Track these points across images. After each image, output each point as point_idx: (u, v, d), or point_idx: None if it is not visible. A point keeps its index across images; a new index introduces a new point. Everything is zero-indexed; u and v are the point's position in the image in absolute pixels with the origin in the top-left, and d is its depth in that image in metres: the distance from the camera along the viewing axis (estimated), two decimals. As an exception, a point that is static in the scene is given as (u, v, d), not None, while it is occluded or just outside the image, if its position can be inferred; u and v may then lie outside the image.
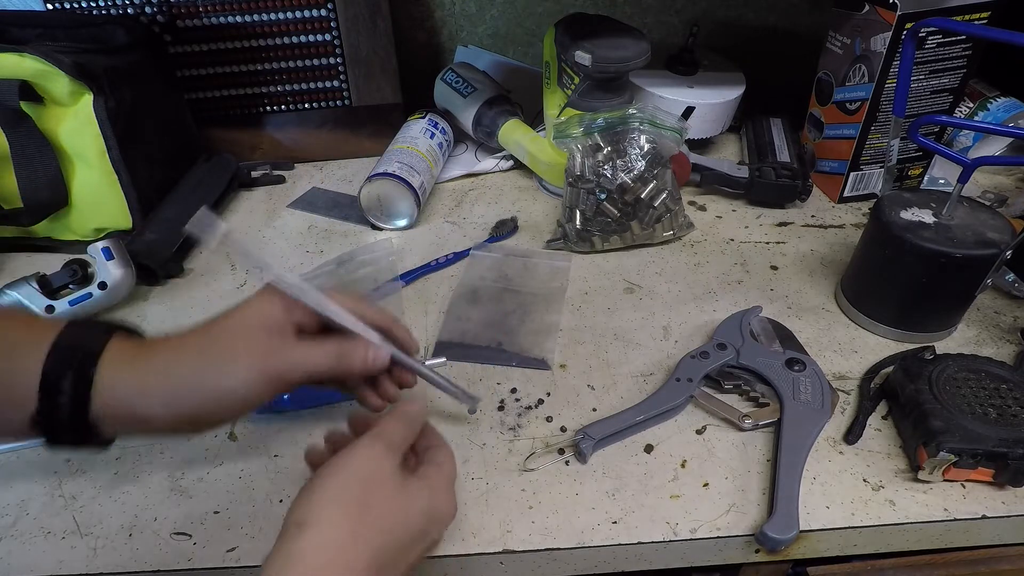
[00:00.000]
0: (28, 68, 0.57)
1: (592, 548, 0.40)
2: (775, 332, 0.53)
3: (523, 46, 0.90)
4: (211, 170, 0.74)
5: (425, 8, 0.86)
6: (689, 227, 0.66)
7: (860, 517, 0.41)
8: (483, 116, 0.76)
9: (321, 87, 0.78)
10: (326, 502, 0.30)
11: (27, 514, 0.42)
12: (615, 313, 0.58)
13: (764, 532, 0.39)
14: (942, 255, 0.48)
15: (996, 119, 0.74)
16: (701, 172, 0.72)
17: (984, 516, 0.41)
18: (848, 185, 0.71)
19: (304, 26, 0.74)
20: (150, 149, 0.68)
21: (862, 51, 0.64)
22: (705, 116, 0.76)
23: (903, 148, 0.69)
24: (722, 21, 0.89)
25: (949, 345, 0.54)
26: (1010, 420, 0.42)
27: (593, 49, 0.63)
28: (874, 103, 0.65)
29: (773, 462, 0.44)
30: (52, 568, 0.39)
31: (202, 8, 0.72)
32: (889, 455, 0.45)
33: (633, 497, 0.42)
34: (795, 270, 0.62)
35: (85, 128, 0.61)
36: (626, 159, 0.62)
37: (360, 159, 0.82)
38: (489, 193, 0.76)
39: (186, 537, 0.41)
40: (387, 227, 0.69)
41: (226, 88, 0.77)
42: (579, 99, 0.67)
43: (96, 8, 0.71)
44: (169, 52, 0.74)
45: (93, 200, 0.64)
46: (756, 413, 0.47)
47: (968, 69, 0.64)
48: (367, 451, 0.33)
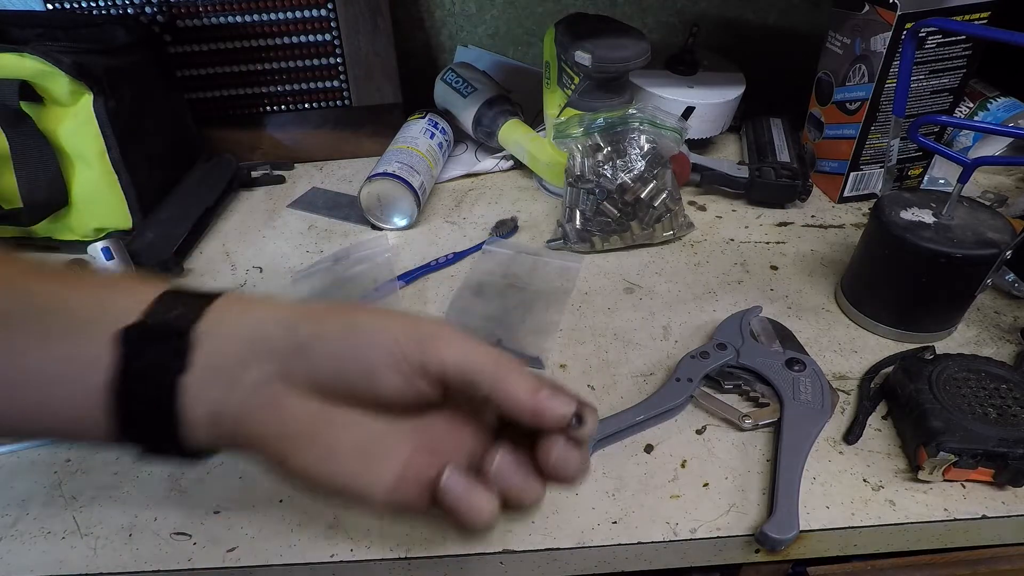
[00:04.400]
0: (28, 68, 0.57)
1: (592, 548, 0.40)
2: (775, 332, 0.53)
3: (523, 46, 0.90)
4: (211, 170, 0.74)
5: (425, 8, 0.86)
6: (689, 227, 0.66)
7: (860, 517, 0.41)
8: (483, 116, 0.76)
9: (321, 87, 0.78)
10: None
11: (27, 514, 0.42)
12: (615, 313, 0.58)
13: (764, 532, 0.39)
14: (942, 255, 0.48)
15: (996, 119, 0.74)
16: (701, 172, 0.72)
17: (984, 516, 0.41)
18: (848, 185, 0.71)
19: (304, 26, 0.74)
20: (150, 149, 0.68)
21: (862, 51, 0.64)
22: (705, 116, 0.76)
23: (903, 148, 0.69)
24: (722, 21, 0.89)
25: (949, 345, 0.54)
26: (1010, 420, 0.42)
27: (593, 49, 0.63)
28: (874, 103, 0.65)
29: (773, 462, 0.44)
30: (52, 568, 0.39)
31: (202, 8, 0.72)
32: (889, 455, 0.45)
33: (633, 497, 0.42)
34: (795, 270, 0.62)
35: (85, 128, 0.61)
36: (626, 159, 0.62)
37: (360, 159, 0.82)
38: (489, 193, 0.76)
39: (186, 537, 0.41)
40: (387, 227, 0.69)
41: (226, 88, 0.77)
42: (579, 99, 0.67)
43: (96, 8, 0.71)
44: (169, 52, 0.74)
45: (93, 200, 0.64)
46: (756, 413, 0.47)
47: (968, 69, 0.64)
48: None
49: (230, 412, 0.27)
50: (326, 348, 0.27)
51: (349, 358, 0.27)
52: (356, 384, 0.27)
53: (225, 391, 0.27)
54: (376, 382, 0.27)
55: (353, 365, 0.27)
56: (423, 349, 0.27)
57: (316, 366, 0.27)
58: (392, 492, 0.28)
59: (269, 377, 0.27)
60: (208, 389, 0.27)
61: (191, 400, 0.26)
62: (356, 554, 0.39)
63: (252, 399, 0.27)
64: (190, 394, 0.26)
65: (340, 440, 0.28)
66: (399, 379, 0.27)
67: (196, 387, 0.26)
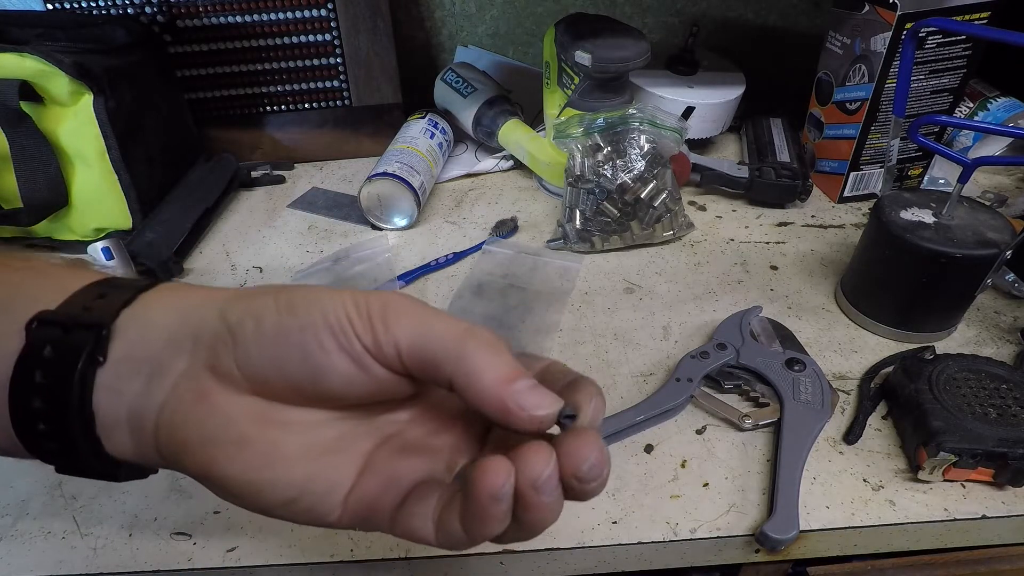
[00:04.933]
0: (28, 68, 0.57)
1: (592, 548, 0.40)
2: (775, 332, 0.53)
3: (523, 46, 0.90)
4: (211, 170, 0.74)
5: (425, 8, 0.86)
6: (689, 227, 0.66)
7: (860, 517, 0.41)
8: (483, 116, 0.76)
9: (321, 87, 0.78)
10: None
11: (27, 514, 0.42)
12: (615, 313, 0.58)
13: (764, 532, 0.39)
14: (942, 255, 0.48)
15: (996, 119, 0.74)
16: (701, 172, 0.72)
17: (984, 516, 0.41)
18: (848, 185, 0.71)
19: (304, 26, 0.74)
20: (150, 149, 0.68)
21: (862, 51, 0.64)
22: (705, 116, 0.76)
23: (903, 148, 0.69)
24: (722, 21, 0.89)
25: (949, 345, 0.53)
26: (1010, 420, 0.42)
27: (593, 49, 0.63)
28: (874, 103, 0.65)
29: (773, 462, 0.44)
30: (52, 568, 0.39)
31: (202, 8, 0.72)
32: (889, 455, 0.45)
33: (633, 497, 0.42)
34: (795, 270, 0.62)
35: (85, 128, 0.61)
36: (626, 159, 0.62)
37: (360, 159, 0.82)
38: (489, 193, 0.76)
39: (186, 537, 0.41)
40: (387, 227, 0.69)
41: (226, 88, 0.77)
42: (579, 99, 0.67)
43: (96, 8, 0.71)
44: (169, 52, 0.74)
45: (93, 200, 0.64)
46: (756, 413, 0.47)
47: (968, 69, 0.64)
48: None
49: (151, 411, 0.23)
50: (258, 332, 0.22)
51: (285, 342, 0.22)
52: (296, 374, 0.22)
53: (145, 386, 0.23)
54: (320, 370, 0.22)
55: (290, 351, 0.22)
56: (373, 326, 0.22)
57: (246, 354, 0.22)
58: (344, 510, 0.24)
59: (196, 370, 0.23)
60: (127, 385, 0.23)
61: (107, 398, 0.22)
62: (356, 554, 0.39)
63: (174, 396, 0.23)
64: (105, 391, 0.22)
65: (281, 445, 0.23)
66: (348, 365, 0.22)
67: (113, 383, 0.23)
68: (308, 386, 0.23)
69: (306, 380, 0.22)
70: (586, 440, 0.22)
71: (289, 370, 0.22)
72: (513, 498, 0.22)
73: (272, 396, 0.23)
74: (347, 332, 0.22)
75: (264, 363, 0.22)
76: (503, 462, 0.21)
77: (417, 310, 0.23)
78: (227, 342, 0.22)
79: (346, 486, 0.24)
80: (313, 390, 0.23)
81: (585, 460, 0.22)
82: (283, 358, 0.22)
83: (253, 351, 0.22)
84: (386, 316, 0.22)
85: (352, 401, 0.24)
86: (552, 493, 0.22)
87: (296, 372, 0.22)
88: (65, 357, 0.22)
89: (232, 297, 0.24)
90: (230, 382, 0.23)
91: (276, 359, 0.22)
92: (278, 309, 0.23)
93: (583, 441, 0.22)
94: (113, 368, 0.23)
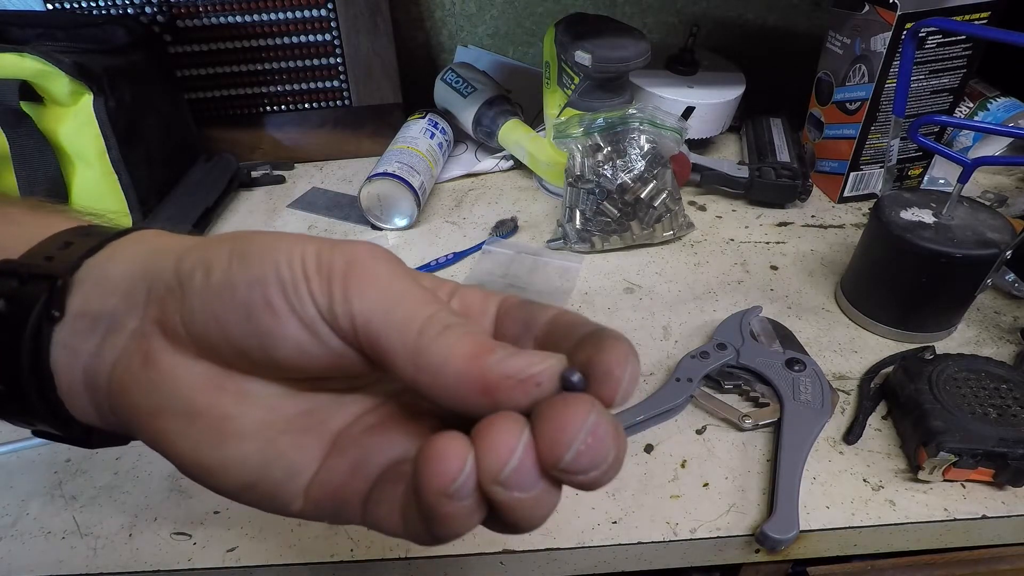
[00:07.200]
0: (28, 68, 0.57)
1: (592, 548, 0.40)
2: (775, 332, 0.53)
3: (523, 46, 0.90)
4: (211, 170, 0.74)
5: (425, 8, 0.86)
6: (689, 227, 0.66)
7: (860, 517, 0.41)
8: (483, 116, 0.76)
9: (321, 87, 0.78)
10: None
11: (27, 514, 0.42)
12: (615, 313, 0.58)
13: (764, 532, 0.39)
14: (942, 255, 0.48)
15: (996, 119, 0.74)
16: (701, 172, 0.72)
17: (984, 516, 0.41)
18: (848, 185, 0.71)
19: (304, 26, 0.74)
20: (150, 149, 0.68)
21: (862, 51, 0.64)
22: (705, 116, 0.76)
23: (903, 148, 0.69)
24: (722, 21, 0.89)
25: (949, 345, 0.53)
26: (1010, 420, 0.42)
27: (593, 49, 0.63)
28: (874, 103, 0.65)
29: (773, 462, 0.44)
30: (52, 568, 0.39)
31: (202, 8, 0.72)
32: (889, 455, 0.45)
33: (633, 497, 0.42)
34: (795, 270, 0.62)
35: (85, 128, 0.61)
36: (626, 159, 0.62)
37: (360, 159, 0.82)
38: (489, 193, 0.76)
39: (186, 537, 0.41)
40: (387, 227, 0.69)
41: (226, 88, 0.77)
42: (579, 99, 0.67)
43: (96, 8, 0.71)
44: (169, 52, 0.74)
45: (93, 200, 0.64)
46: (756, 413, 0.47)
47: (968, 69, 0.64)
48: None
49: (103, 373, 0.20)
50: (205, 284, 0.19)
51: (230, 298, 0.18)
52: (240, 337, 0.18)
53: (99, 345, 0.20)
54: (268, 334, 0.18)
55: (234, 309, 0.18)
56: (331, 288, 0.18)
57: (191, 310, 0.19)
58: (307, 498, 0.20)
59: (145, 327, 0.20)
60: (81, 343, 0.20)
61: (64, 356, 0.20)
62: (356, 554, 0.39)
63: (125, 356, 0.20)
64: (62, 348, 0.20)
65: (234, 420, 0.20)
66: (299, 331, 0.18)
67: (69, 340, 0.20)
68: (257, 352, 0.19)
69: (254, 345, 0.18)
70: (575, 411, 0.16)
71: (233, 332, 0.18)
72: (478, 491, 0.17)
73: (225, 364, 0.20)
74: (300, 291, 0.18)
75: (207, 322, 0.19)
76: (457, 445, 0.16)
77: (385, 278, 0.18)
78: (177, 295, 0.19)
79: (311, 469, 0.20)
80: (263, 356, 0.19)
81: (568, 442, 0.16)
82: (224, 318, 0.18)
83: (196, 307, 0.19)
84: (347, 279, 0.18)
85: (313, 373, 0.20)
86: (527, 488, 0.17)
87: (240, 335, 0.18)
88: (17, 311, 0.19)
89: (195, 244, 0.20)
90: (180, 343, 0.19)
91: (218, 318, 0.18)
92: (230, 257, 0.19)
93: (571, 412, 0.16)
94: (70, 324, 0.20)
